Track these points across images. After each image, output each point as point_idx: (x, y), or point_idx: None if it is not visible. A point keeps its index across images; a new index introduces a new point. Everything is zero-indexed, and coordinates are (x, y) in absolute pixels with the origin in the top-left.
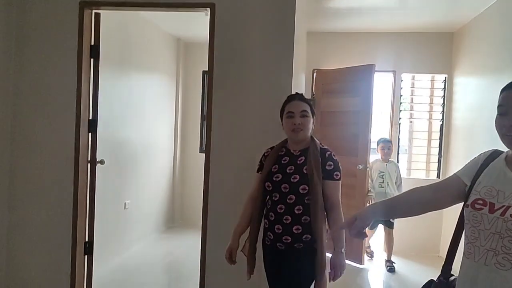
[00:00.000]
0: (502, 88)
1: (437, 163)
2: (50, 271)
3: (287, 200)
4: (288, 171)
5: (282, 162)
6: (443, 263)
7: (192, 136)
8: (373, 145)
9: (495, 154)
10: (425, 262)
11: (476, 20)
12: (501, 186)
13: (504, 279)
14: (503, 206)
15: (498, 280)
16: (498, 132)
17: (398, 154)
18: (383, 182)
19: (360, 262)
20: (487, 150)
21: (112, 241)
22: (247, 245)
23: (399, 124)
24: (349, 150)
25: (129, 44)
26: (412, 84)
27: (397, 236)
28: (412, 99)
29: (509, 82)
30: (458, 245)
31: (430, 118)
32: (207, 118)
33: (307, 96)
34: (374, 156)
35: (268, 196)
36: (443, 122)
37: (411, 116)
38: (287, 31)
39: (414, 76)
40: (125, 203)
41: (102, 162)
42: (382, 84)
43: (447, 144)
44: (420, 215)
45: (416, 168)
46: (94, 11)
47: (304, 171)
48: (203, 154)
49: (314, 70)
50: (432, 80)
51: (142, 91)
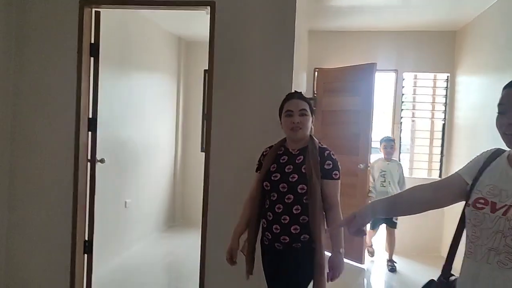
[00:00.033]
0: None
1: (439, 163)
2: (49, 269)
3: (285, 200)
4: (286, 170)
5: (281, 161)
6: (444, 262)
7: (193, 135)
8: (376, 144)
9: (497, 152)
10: (426, 262)
11: (478, 19)
12: (503, 185)
13: (507, 278)
14: (505, 205)
15: (501, 279)
16: (498, 130)
17: (400, 153)
18: (384, 181)
19: (361, 261)
20: (489, 149)
21: (112, 240)
22: (246, 244)
23: (401, 123)
24: (350, 149)
25: (130, 43)
26: (414, 83)
27: (398, 235)
28: (414, 98)
29: (510, 80)
30: (459, 244)
31: (432, 117)
32: (207, 117)
33: (309, 95)
34: (378, 156)
35: (266, 196)
36: (445, 121)
37: (413, 115)
38: (287, 30)
39: (416, 75)
40: (125, 202)
41: (102, 161)
42: (384, 83)
43: (449, 144)
44: (422, 215)
45: (418, 167)
46: (94, 10)
47: (303, 171)
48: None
49: (315, 69)
50: (434, 79)
51: (143, 90)
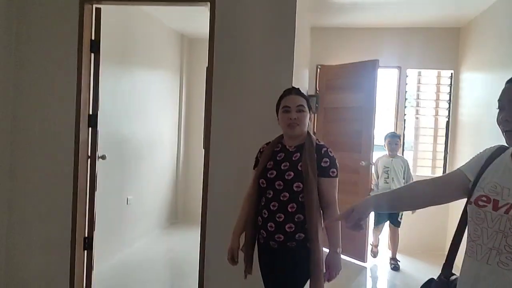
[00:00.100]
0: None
1: (443, 160)
2: (49, 265)
3: (281, 198)
4: (282, 167)
5: (277, 158)
6: (444, 261)
7: (195, 131)
8: (381, 141)
9: (501, 149)
10: (430, 260)
11: (483, 15)
12: (506, 183)
13: (507, 279)
14: (507, 204)
15: (501, 280)
16: (499, 127)
17: (403, 150)
18: (388, 178)
19: (363, 260)
20: (492, 146)
21: (114, 237)
22: (246, 244)
23: (404, 120)
24: (352, 147)
25: (132, 40)
26: (418, 80)
27: (402, 233)
28: (418, 95)
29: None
30: (460, 243)
31: (436, 114)
32: (206, 114)
33: (311, 92)
34: (383, 153)
35: (262, 193)
36: (449, 118)
37: (417, 113)
38: (287, 27)
39: (420, 72)
40: (127, 199)
41: (103, 158)
42: (387, 80)
43: (453, 141)
44: (426, 213)
45: (422, 165)
46: (94, 6)
47: (299, 168)
48: None
49: (318, 65)
50: (438, 76)
51: (146, 87)
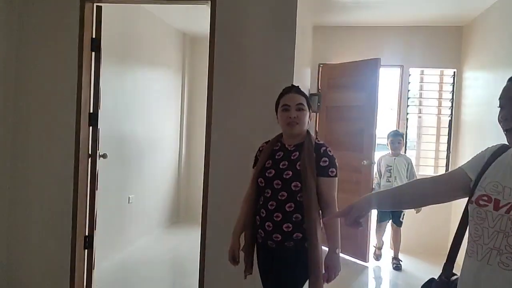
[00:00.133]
0: None
1: (445, 159)
2: (50, 264)
3: (279, 197)
4: (281, 166)
5: (276, 157)
6: (445, 261)
7: (198, 130)
8: (384, 140)
9: (503, 148)
10: (432, 260)
11: (485, 14)
12: (507, 182)
13: (508, 280)
14: (508, 203)
15: (502, 280)
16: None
17: (406, 150)
18: (390, 177)
19: (365, 259)
20: (494, 145)
21: (115, 235)
22: (246, 243)
23: (407, 119)
24: (354, 146)
25: (134, 38)
26: (421, 79)
27: (404, 233)
28: (421, 94)
29: None
30: (461, 243)
31: (439, 113)
32: (207, 113)
33: (313, 91)
34: (386, 152)
35: (261, 192)
36: (452, 117)
37: (420, 112)
38: (288, 26)
39: (423, 70)
40: (129, 198)
41: (104, 156)
42: (390, 79)
43: (456, 140)
44: (429, 212)
45: (425, 164)
46: (95, 4)
47: (297, 167)
48: None
49: (320, 64)
50: (441, 75)
51: (148, 86)
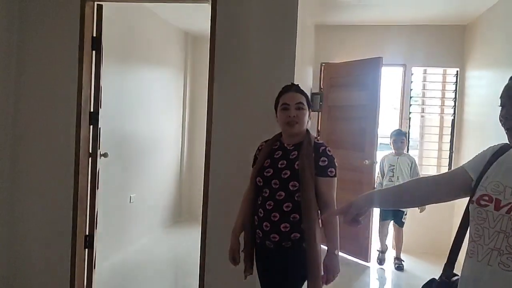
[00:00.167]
0: None
1: (448, 159)
2: (50, 264)
3: (276, 197)
4: (279, 166)
5: (275, 156)
6: (445, 261)
7: (200, 129)
8: (387, 139)
9: (504, 148)
10: (434, 260)
11: (488, 12)
12: (508, 182)
13: (508, 281)
14: (509, 203)
15: (502, 281)
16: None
17: (409, 149)
18: (393, 176)
19: (367, 259)
20: (496, 144)
21: (117, 235)
22: (245, 243)
23: (409, 118)
24: (356, 145)
25: (136, 37)
26: (424, 78)
27: (406, 233)
28: (424, 93)
29: None
30: (462, 243)
31: (442, 112)
32: (207, 112)
33: (315, 90)
34: (389, 151)
35: (259, 192)
36: (454, 116)
37: (423, 111)
38: (289, 25)
39: (426, 69)
40: (130, 197)
41: (105, 155)
42: (393, 78)
43: (459, 140)
44: (431, 212)
45: (427, 163)
46: (96, 3)
47: (296, 167)
48: None
49: (322, 63)
50: (444, 74)
51: (150, 85)
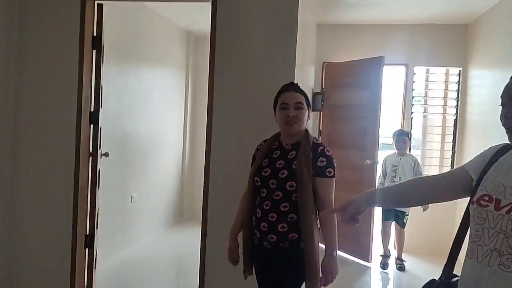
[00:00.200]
0: None
1: (450, 159)
2: (50, 263)
3: (274, 197)
4: (277, 165)
5: (273, 156)
6: (445, 262)
7: (202, 129)
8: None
9: (506, 148)
10: (436, 261)
11: (491, 11)
12: (509, 182)
13: (509, 282)
14: (509, 204)
15: (502, 282)
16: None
17: (411, 149)
18: (395, 177)
19: (368, 260)
20: (497, 144)
21: (118, 234)
22: (244, 244)
23: (411, 118)
24: (357, 145)
25: (138, 37)
26: (426, 78)
27: (408, 233)
28: (426, 93)
29: None
30: (462, 243)
31: (444, 112)
32: (208, 111)
33: (317, 89)
34: (392, 151)
35: (257, 192)
36: (457, 116)
37: (425, 111)
38: (290, 24)
39: (428, 69)
40: (131, 196)
41: (106, 155)
42: (395, 78)
43: (461, 139)
44: (433, 213)
45: (430, 164)
46: (96, 2)
47: (293, 167)
48: None
49: (324, 63)
50: (446, 74)
51: (152, 84)
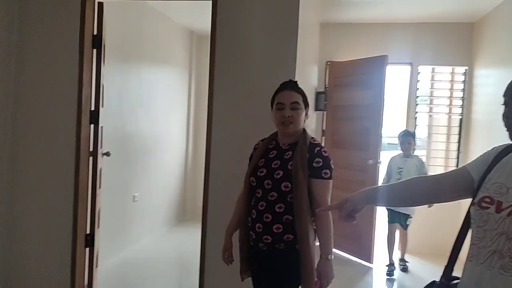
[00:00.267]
0: None
1: (456, 159)
2: (50, 263)
3: (269, 197)
4: (273, 166)
5: (269, 156)
6: (446, 264)
7: (205, 128)
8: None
9: (509, 148)
10: (440, 262)
11: (497, 10)
12: (511, 184)
13: (509, 285)
14: (511, 206)
15: (502, 286)
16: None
17: (415, 149)
18: (399, 179)
19: (369, 260)
20: (500, 144)
21: (120, 234)
22: (239, 244)
23: (415, 118)
24: (360, 145)
25: (141, 36)
26: (431, 77)
27: (411, 234)
28: (431, 92)
29: None
30: (462, 245)
31: (450, 112)
32: (208, 111)
33: (320, 88)
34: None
35: (253, 192)
36: (462, 116)
37: (430, 110)
38: (290, 23)
39: (433, 68)
40: (133, 196)
41: (107, 154)
42: (400, 77)
43: (467, 139)
44: (436, 214)
45: (435, 164)
46: (96, 1)
47: (289, 167)
48: None
49: (327, 62)
50: (452, 73)
51: (154, 83)
